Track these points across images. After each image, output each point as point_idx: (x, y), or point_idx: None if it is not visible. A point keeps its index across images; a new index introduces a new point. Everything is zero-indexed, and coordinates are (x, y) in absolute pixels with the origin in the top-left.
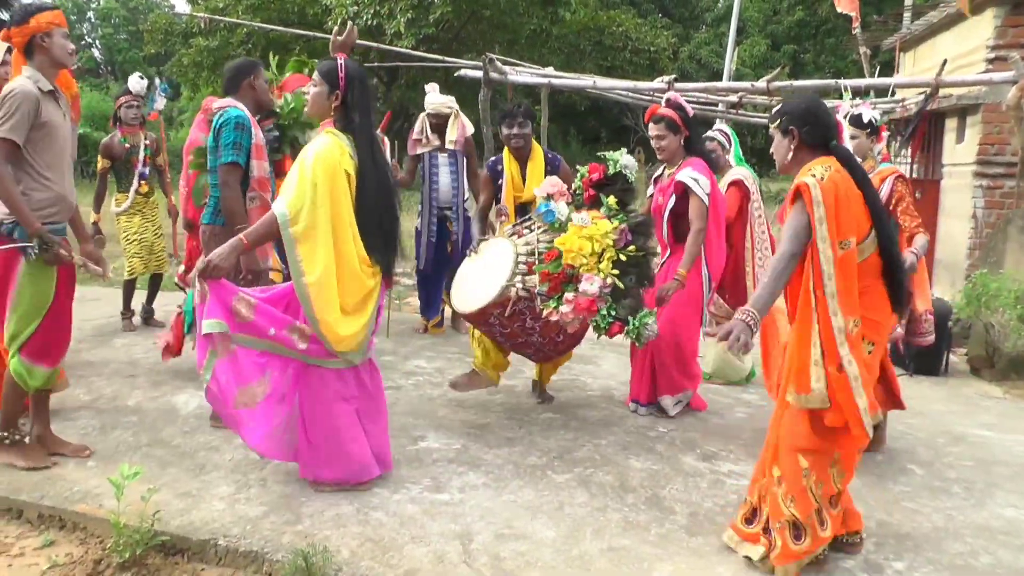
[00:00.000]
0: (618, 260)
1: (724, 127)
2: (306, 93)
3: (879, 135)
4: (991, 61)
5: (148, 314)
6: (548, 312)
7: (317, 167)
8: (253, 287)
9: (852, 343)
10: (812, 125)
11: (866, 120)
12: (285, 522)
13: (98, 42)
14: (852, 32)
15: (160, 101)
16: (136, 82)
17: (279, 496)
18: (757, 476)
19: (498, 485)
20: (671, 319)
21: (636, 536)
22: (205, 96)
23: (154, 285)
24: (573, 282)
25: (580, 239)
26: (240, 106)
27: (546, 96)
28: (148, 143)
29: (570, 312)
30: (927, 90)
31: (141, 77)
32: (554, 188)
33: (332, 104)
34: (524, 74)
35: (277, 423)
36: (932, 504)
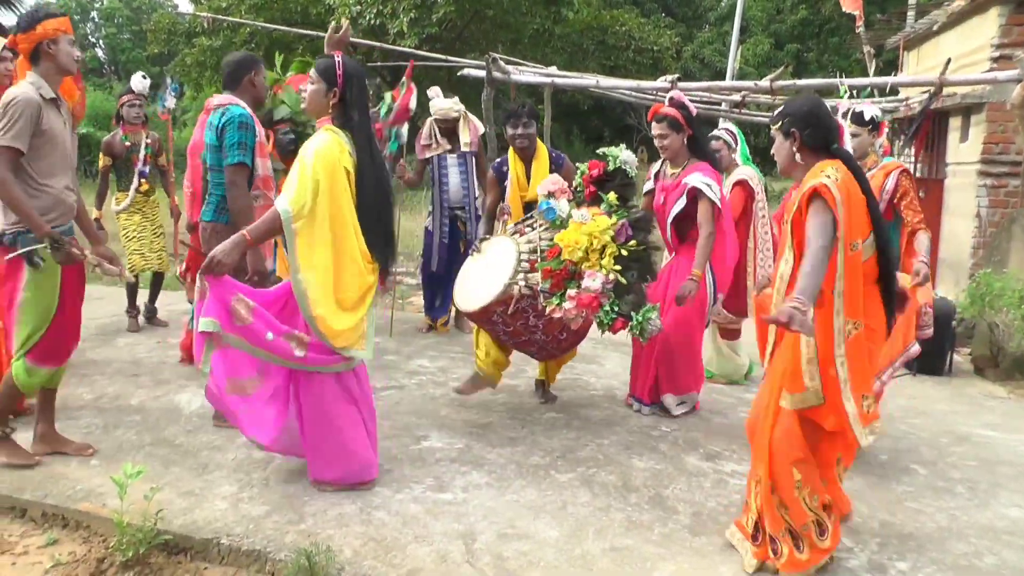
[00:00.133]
0: (619, 255)
1: (730, 126)
2: (304, 91)
3: (880, 130)
4: (995, 60)
5: (151, 313)
6: (551, 309)
7: (318, 164)
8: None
9: (848, 345)
10: (814, 127)
11: (867, 117)
12: (288, 521)
13: (101, 42)
14: (856, 31)
15: (170, 100)
16: (138, 81)
17: (282, 495)
18: (753, 476)
19: (501, 485)
20: (680, 319)
21: (639, 536)
22: (209, 96)
23: (156, 284)
24: (576, 279)
25: (579, 234)
26: (242, 104)
27: (549, 95)
28: (150, 142)
29: (573, 308)
30: (931, 89)
31: (143, 76)
32: (555, 186)
33: (330, 101)
34: (527, 73)
35: (281, 424)
36: (936, 504)
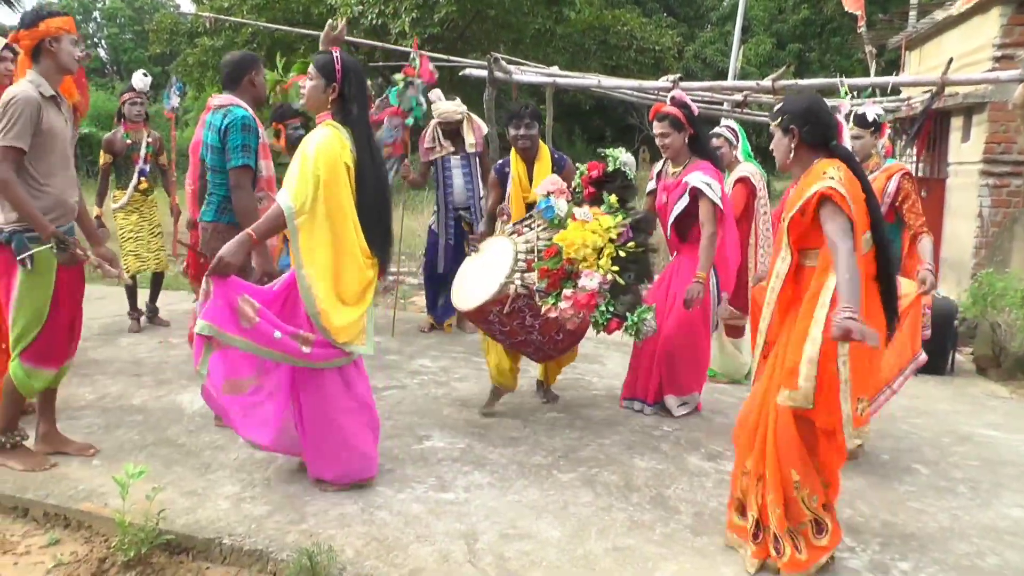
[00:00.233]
0: (617, 256)
1: (731, 123)
2: (303, 87)
3: (881, 132)
4: (997, 59)
5: (152, 313)
6: (547, 308)
7: (319, 159)
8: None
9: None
10: (812, 124)
11: (870, 119)
12: (290, 521)
13: (104, 42)
14: (858, 31)
15: (175, 99)
16: (140, 79)
17: (284, 495)
18: (738, 472)
19: (503, 484)
20: (684, 320)
21: (641, 536)
22: (210, 95)
23: (156, 284)
24: (572, 278)
25: (583, 232)
26: (243, 105)
27: (551, 95)
28: (151, 141)
29: (569, 308)
30: (933, 88)
31: (145, 74)
32: (554, 186)
33: (329, 97)
34: (529, 73)
35: (279, 424)
36: (938, 504)
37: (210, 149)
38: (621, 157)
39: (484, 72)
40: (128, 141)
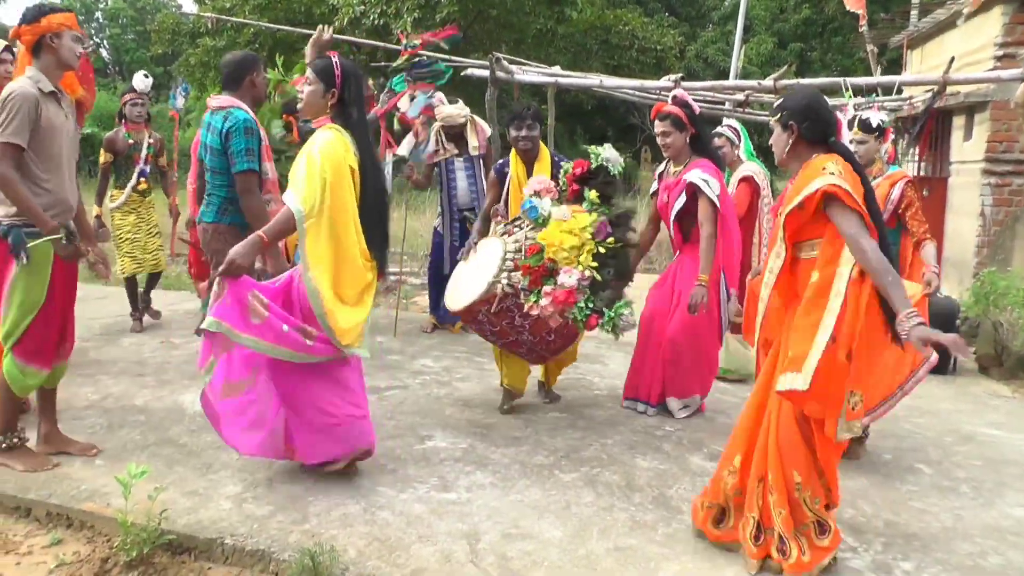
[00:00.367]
0: (597, 252)
1: (733, 122)
2: (301, 91)
3: (885, 137)
4: (999, 58)
5: (146, 304)
6: (529, 306)
7: (325, 162)
8: None
9: (861, 339)
10: (812, 120)
11: (874, 124)
12: (292, 521)
13: (106, 42)
14: (859, 30)
15: (180, 100)
16: (140, 80)
17: (286, 495)
18: (722, 472)
19: (505, 484)
20: (688, 322)
21: (643, 536)
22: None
23: (152, 279)
24: (553, 276)
25: (561, 233)
26: (244, 107)
27: (552, 95)
28: (152, 142)
29: (550, 305)
30: (935, 88)
31: (146, 75)
32: (540, 185)
33: (328, 102)
34: (531, 73)
35: (271, 426)
36: (941, 504)
37: (209, 150)
38: (604, 154)
39: (486, 72)
40: (130, 141)
